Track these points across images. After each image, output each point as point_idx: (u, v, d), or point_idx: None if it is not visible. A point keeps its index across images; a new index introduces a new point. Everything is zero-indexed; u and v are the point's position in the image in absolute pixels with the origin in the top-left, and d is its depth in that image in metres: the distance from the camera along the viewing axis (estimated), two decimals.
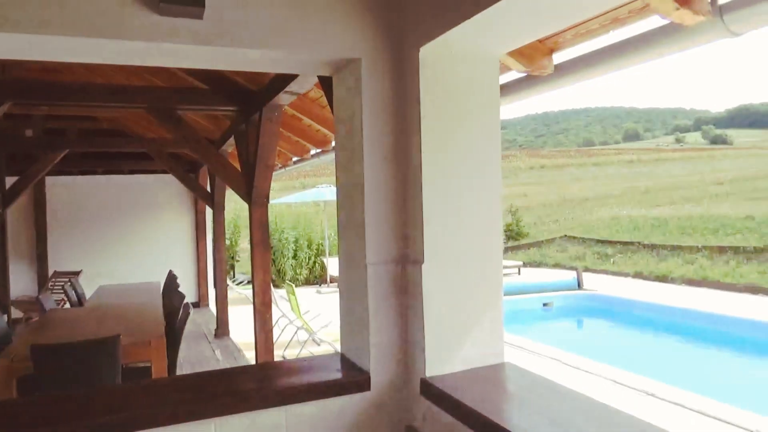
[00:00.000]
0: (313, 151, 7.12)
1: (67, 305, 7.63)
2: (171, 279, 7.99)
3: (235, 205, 15.62)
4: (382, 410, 2.07)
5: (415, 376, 2.03)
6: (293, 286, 8.19)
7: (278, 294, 10.91)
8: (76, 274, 9.60)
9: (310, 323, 7.74)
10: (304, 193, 16.60)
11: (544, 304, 12.31)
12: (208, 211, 10.54)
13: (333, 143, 4.45)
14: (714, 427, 5.18)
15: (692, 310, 10.71)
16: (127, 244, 11.30)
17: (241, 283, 15.97)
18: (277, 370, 2.60)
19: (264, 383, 2.15)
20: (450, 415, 1.80)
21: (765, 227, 14.61)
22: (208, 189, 9.84)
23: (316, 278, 16.43)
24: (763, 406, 6.24)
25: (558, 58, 2.88)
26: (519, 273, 15.48)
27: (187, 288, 10.89)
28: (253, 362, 6.07)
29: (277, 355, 7.02)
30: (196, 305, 11.46)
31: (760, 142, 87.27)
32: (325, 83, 3.09)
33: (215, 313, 9.31)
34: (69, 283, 7.83)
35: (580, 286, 13.04)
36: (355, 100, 2.11)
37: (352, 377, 2.10)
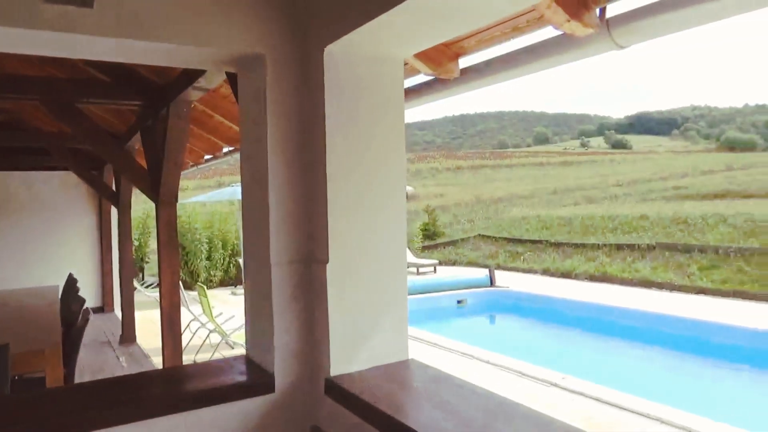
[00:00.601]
0: (225, 149, 6.94)
1: None
2: (70, 282, 7.49)
3: (144, 205, 14.94)
4: (287, 411, 2.05)
5: (320, 376, 2.02)
6: (205, 287, 7.93)
7: (190, 296, 10.53)
8: None
9: (223, 326, 7.53)
10: (217, 192, 16.12)
11: (459, 302, 12.68)
12: (115, 211, 9.99)
13: None
14: (610, 414, 5.55)
15: (594, 304, 11.41)
16: (25, 246, 10.49)
17: (150, 285, 15.23)
18: (181, 374, 2.51)
19: (165, 389, 2.07)
20: (354, 413, 1.81)
21: (657, 226, 15.84)
22: (114, 187, 9.32)
23: (231, 279, 16.02)
24: (653, 392, 6.74)
25: (464, 62, 2.98)
26: (435, 271, 15.84)
27: (90, 292, 10.27)
28: (160, 368, 5.83)
29: (188, 360, 6.78)
30: (99, 310, 10.83)
31: (655, 147, 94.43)
32: (232, 79, 3.02)
33: (121, 318, 8.84)
34: None
35: (492, 283, 13.53)
36: (260, 98, 2.08)
37: (256, 379, 2.07)
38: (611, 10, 2.27)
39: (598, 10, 2.24)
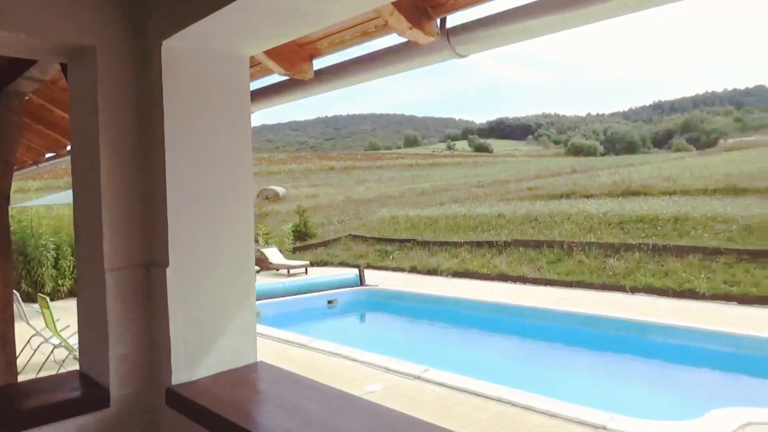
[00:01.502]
0: (69, 147, 6.35)
1: None
2: None
3: None
4: (124, 426, 1.93)
5: (161, 386, 1.92)
6: (47, 299, 7.19)
7: (33, 309, 9.52)
8: None
9: (69, 339, 6.89)
10: (62, 194, 14.72)
11: (329, 302, 12.75)
12: None
13: None
14: (468, 401, 5.89)
15: (456, 298, 12.05)
16: None
17: None
18: (9, 393, 2.26)
19: None
20: (197, 423, 1.75)
21: (512, 224, 17.12)
22: None
23: None
24: (508, 378, 7.28)
25: (318, 64, 3.00)
26: (306, 272, 15.78)
27: None
28: None
29: (28, 378, 6.11)
30: None
31: (513, 151, 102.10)
32: (66, 71, 2.78)
33: None
34: None
35: (362, 282, 13.77)
36: (91, 92, 1.94)
37: (89, 395, 1.93)
38: (451, 21, 2.41)
39: (438, 20, 2.36)
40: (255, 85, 3.36)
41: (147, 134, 1.97)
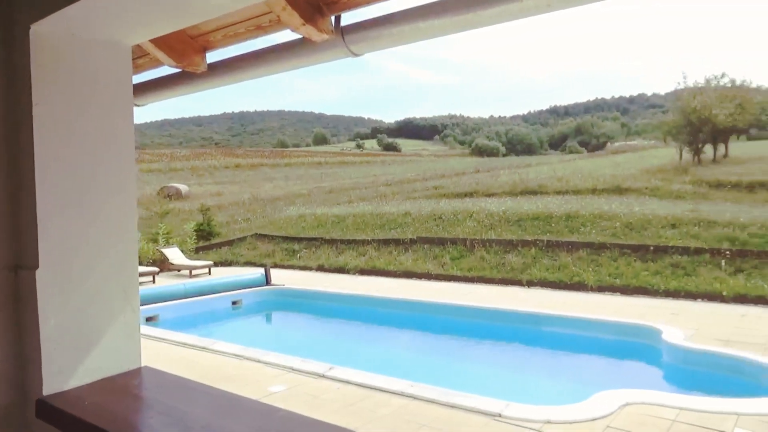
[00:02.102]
0: None
1: None
2: None
3: None
4: None
5: (31, 397, 1.78)
6: None
7: None
8: None
9: None
10: None
11: (233, 303, 12.40)
12: None
13: None
14: (372, 397, 5.95)
15: (363, 296, 12.14)
16: None
17: None
18: None
19: None
20: None
21: (418, 222, 17.51)
22: None
23: None
24: (413, 373, 7.42)
25: (212, 57, 2.90)
26: (210, 273, 15.25)
27: None
28: None
29: None
30: None
31: (420, 150, 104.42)
32: None
33: None
34: None
35: (268, 282, 13.51)
36: None
37: None
38: (346, 19, 2.42)
39: (333, 18, 2.36)
40: (144, 76, 3.20)
41: (14, 125, 1.82)
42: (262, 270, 13.93)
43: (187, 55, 2.78)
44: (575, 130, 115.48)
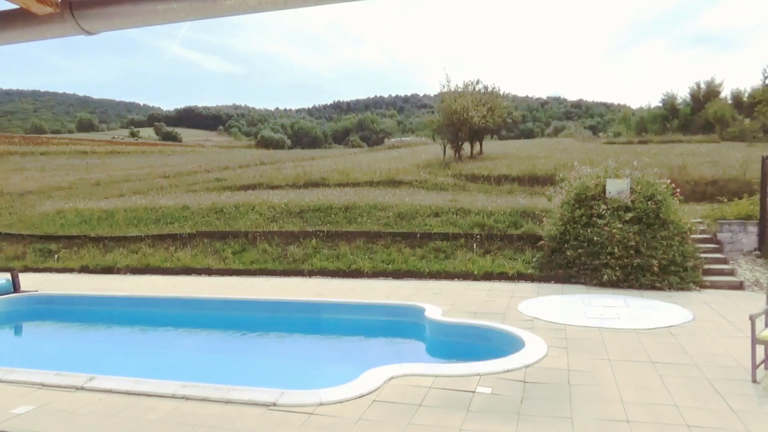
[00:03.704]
0: None
1: None
2: None
3: None
4: None
5: None
6: None
7: None
8: None
9: None
10: None
11: None
12: None
13: None
14: (140, 404, 5.55)
15: (132, 297, 11.21)
16: None
17: None
18: None
19: None
20: None
21: (197, 216, 16.69)
22: None
23: None
24: (187, 373, 7.10)
25: None
26: None
27: None
28: None
29: None
30: None
31: (203, 141, 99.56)
32: None
33: None
34: None
35: (16, 289, 11.71)
36: None
37: None
38: None
39: None
40: None
41: None
42: (8, 275, 12.00)
43: None
44: (357, 125, 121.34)
